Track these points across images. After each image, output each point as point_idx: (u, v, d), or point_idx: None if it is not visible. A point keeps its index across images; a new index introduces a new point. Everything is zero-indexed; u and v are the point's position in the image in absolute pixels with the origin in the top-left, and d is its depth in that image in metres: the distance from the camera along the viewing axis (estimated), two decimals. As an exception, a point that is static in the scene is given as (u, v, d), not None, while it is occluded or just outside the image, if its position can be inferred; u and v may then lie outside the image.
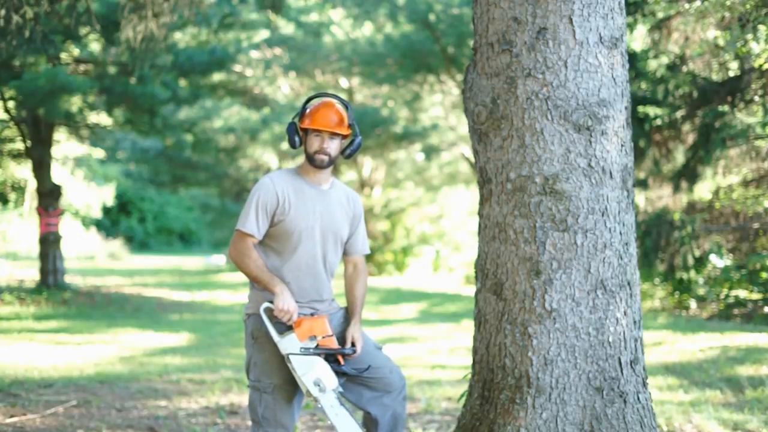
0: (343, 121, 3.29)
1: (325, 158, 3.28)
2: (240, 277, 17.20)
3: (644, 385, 3.51)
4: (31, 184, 21.47)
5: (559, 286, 3.37)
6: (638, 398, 3.45)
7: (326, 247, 3.33)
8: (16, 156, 15.96)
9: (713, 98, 10.66)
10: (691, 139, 11.48)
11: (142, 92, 13.04)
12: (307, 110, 3.32)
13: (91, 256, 26.44)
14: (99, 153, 24.51)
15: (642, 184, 11.75)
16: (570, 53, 3.38)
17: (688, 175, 11.11)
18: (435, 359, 8.01)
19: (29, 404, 5.36)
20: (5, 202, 25.15)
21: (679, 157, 11.69)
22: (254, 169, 23.89)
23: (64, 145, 20.45)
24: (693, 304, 11.87)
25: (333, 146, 3.29)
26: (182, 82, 14.94)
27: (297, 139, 3.34)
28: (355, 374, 3.25)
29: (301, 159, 3.37)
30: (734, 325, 9.65)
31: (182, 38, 16.62)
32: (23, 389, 5.91)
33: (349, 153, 3.40)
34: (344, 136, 3.34)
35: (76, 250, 25.84)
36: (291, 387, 3.24)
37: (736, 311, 10.94)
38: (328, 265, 3.35)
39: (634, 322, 3.49)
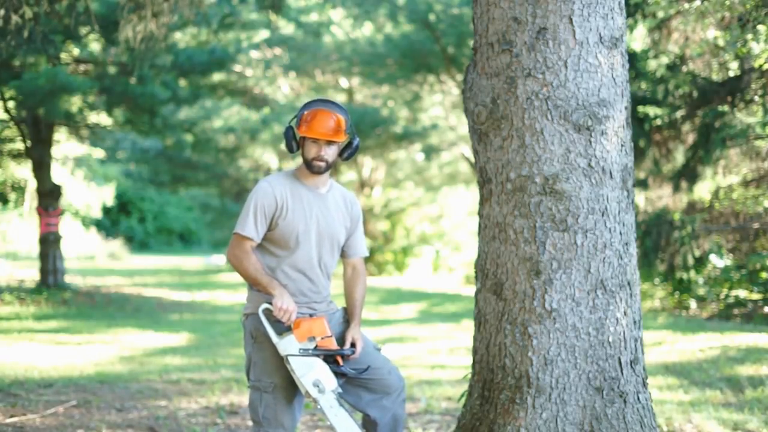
0: (340, 128, 3.27)
1: (323, 164, 3.28)
2: (240, 277, 17.18)
3: (644, 385, 3.51)
4: (31, 184, 21.46)
5: (559, 286, 3.37)
6: (638, 398, 3.45)
7: (322, 251, 3.33)
8: (16, 156, 15.95)
9: (713, 98, 10.65)
10: (691, 139, 11.47)
11: (142, 92, 13.03)
12: (305, 117, 3.29)
13: (91, 256, 26.43)
14: (99, 153, 24.50)
15: (642, 184, 11.74)
16: (570, 53, 3.38)
17: (688, 175, 11.10)
18: (435, 359, 8.01)
19: (29, 404, 5.36)
20: (5, 202, 25.14)
21: (679, 157, 11.68)
22: (254, 169, 23.89)
23: (64, 145, 20.44)
24: (693, 304, 11.86)
25: (330, 152, 3.28)
26: (182, 82, 14.93)
27: (294, 144, 3.34)
28: (354, 375, 3.25)
29: (301, 159, 3.37)
30: (734, 325, 9.64)
31: (182, 38, 16.61)
32: (23, 389, 5.90)
33: (347, 156, 3.41)
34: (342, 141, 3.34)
35: (76, 250, 25.83)
36: (292, 387, 3.24)
37: (736, 311, 10.93)
38: (324, 268, 3.35)
39: (634, 322, 3.49)
